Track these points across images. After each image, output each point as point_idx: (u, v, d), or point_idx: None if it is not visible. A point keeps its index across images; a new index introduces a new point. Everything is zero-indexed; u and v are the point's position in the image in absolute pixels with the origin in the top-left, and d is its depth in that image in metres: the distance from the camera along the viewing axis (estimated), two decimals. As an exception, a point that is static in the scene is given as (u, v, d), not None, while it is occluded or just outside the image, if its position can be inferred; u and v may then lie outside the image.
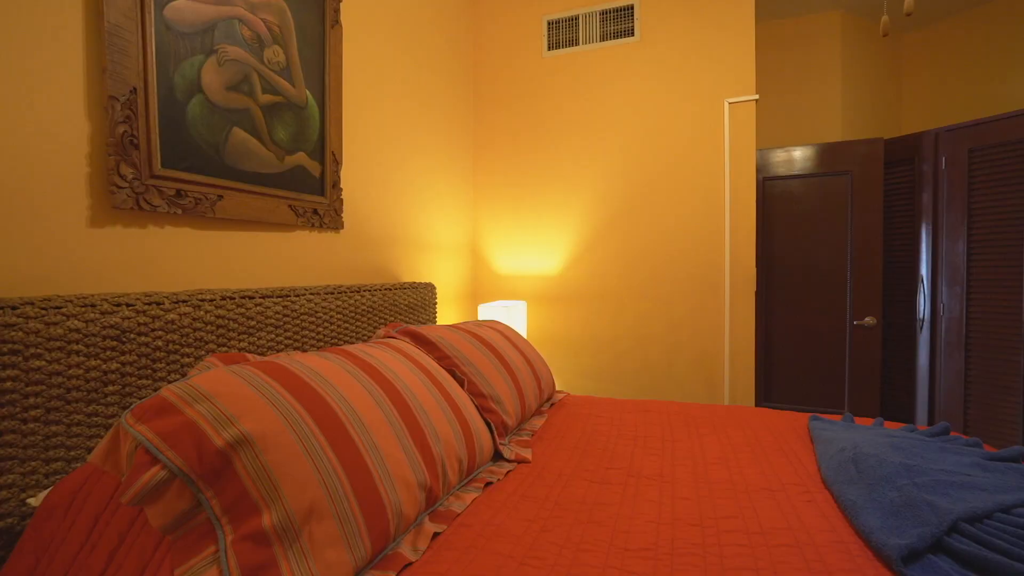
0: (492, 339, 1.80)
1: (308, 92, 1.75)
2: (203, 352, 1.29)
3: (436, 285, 2.42)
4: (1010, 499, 1.08)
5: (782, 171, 2.94)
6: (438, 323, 2.56)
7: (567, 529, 1.05)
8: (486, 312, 2.57)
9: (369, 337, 1.89)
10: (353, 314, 1.80)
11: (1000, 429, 2.55)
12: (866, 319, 2.84)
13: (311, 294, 1.64)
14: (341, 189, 1.92)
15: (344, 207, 1.95)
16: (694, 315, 2.68)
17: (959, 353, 2.69)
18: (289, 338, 1.54)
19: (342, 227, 1.92)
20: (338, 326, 1.73)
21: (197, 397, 0.89)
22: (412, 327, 1.65)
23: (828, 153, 2.89)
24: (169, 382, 1.21)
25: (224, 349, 1.34)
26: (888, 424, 1.65)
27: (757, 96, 2.56)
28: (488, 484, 1.26)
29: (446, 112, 2.74)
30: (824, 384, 2.93)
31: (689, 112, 2.66)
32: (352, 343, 1.80)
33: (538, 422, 1.75)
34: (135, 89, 1.23)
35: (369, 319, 1.89)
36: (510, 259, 3.03)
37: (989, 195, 2.57)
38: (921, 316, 2.84)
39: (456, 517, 1.10)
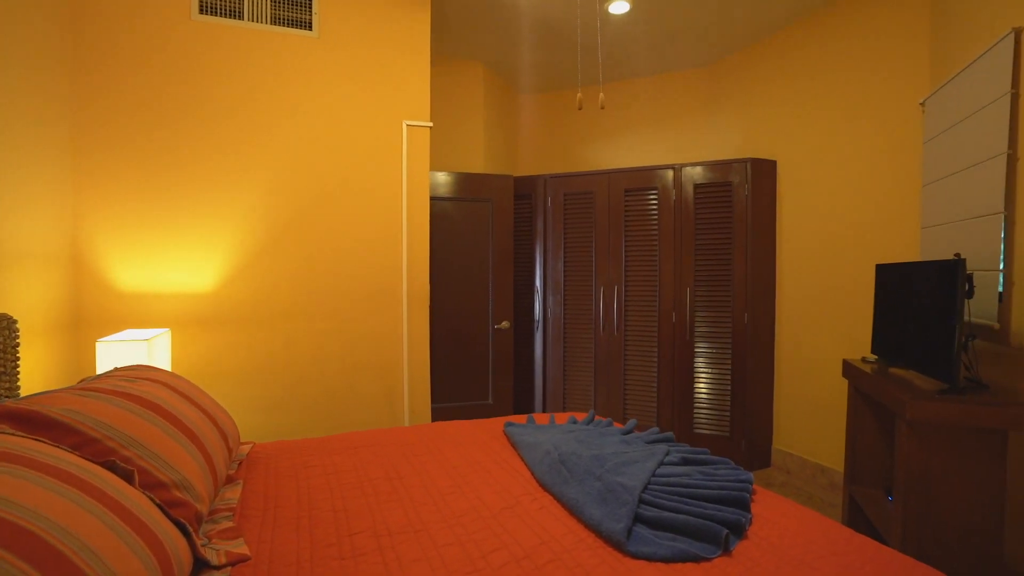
0: (158, 397, 1.29)
1: None
2: None
3: (15, 316, 1.55)
4: (651, 465, 1.50)
5: (433, 193, 3.25)
6: (22, 377, 1.67)
7: (348, 638, 0.86)
8: (110, 351, 1.83)
9: None
10: None
11: (582, 397, 3.55)
12: (502, 323, 3.46)
13: None
14: None
15: None
16: (373, 331, 2.65)
17: (560, 345, 3.60)
18: None
19: None
20: None
21: None
22: (10, 405, 1.01)
23: (473, 182, 3.37)
24: None
25: None
26: (557, 417, 2.05)
27: (432, 123, 2.73)
28: (204, 616, 0.90)
29: (23, 49, 1.79)
30: (474, 379, 3.41)
31: (368, 126, 2.60)
32: None
33: (233, 493, 1.37)
34: None
35: None
36: (140, 272, 2.25)
37: (574, 228, 3.54)
38: (537, 318, 3.65)
39: None
